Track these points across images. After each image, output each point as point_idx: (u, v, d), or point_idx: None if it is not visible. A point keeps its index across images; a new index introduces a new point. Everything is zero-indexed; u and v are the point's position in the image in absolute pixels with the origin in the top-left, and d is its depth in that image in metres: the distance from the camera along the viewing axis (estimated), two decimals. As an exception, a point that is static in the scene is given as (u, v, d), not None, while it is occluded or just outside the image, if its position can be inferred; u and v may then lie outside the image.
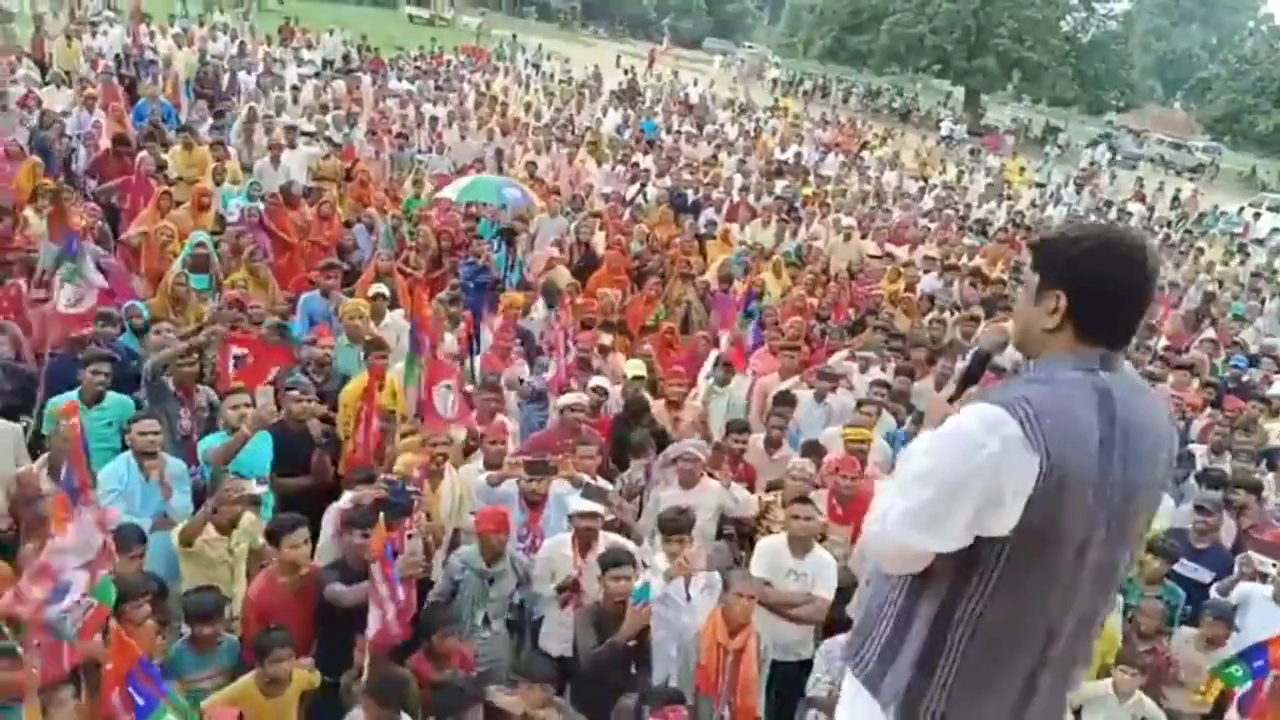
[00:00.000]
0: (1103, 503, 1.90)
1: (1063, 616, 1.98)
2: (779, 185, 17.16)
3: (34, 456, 5.57)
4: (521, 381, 7.54)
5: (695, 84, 33.48)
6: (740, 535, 6.28)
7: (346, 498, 5.35)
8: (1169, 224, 24.62)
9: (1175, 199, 28.72)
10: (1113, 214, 23.66)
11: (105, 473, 5.00)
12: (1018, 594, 1.93)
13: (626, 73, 32.17)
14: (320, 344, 7.00)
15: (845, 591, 5.70)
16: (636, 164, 16.24)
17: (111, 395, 5.89)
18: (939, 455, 1.93)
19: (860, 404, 7.24)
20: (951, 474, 1.88)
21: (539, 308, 8.89)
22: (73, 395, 5.78)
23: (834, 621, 5.48)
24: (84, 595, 3.54)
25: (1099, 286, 1.93)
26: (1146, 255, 1.95)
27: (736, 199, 14.99)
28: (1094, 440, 1.87)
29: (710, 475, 6.11)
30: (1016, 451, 1.83)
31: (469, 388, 6.84)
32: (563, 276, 9.80)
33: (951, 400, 2.23)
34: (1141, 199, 27.19)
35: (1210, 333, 12.40)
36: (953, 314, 10.73)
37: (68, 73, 15.07)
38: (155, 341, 6.52)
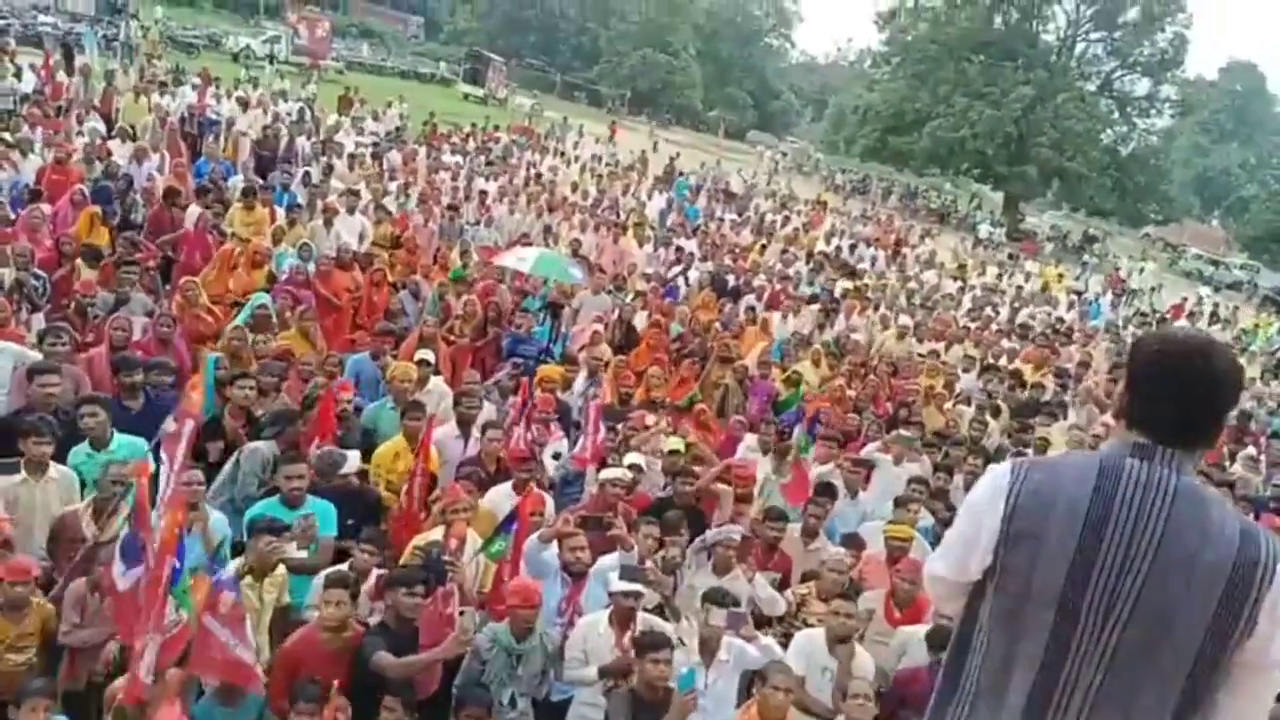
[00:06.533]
0: (1091, 578, 1.95)
1: (1054, 676, 2.01)
2: (819, 277, 17.27)
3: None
4: (557, 456, 7.52)
5: (739, 173, 34.06)
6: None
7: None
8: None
9: (1214, 314, 28.54)
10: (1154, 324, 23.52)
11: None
12: (1003, 637, 2.08)
13: (671, 158, 32.70)
14: (340, 398, 7.00)
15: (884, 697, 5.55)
16: (680, 247, 16.43)
17: (120, 438, 5.79)
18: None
19: (899, 502, 7.13)
20: (961, 510, 2.20)
21: (580, 381, 8.90)
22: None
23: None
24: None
25: (1146, 382, 2.04)
26: (1199, 358, 1.98)
27: (777, 287, 15.07)
28: (1077, 509, 1.97)
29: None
30: (995, 496, 2.06)
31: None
32: (604, 352, 9.85)
33: None
34: (1182, 312, 27.01)
35: (1251, 450, 12.17)
36: (995, 415, 10.59)
37: (133, 127, 15.54)
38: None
